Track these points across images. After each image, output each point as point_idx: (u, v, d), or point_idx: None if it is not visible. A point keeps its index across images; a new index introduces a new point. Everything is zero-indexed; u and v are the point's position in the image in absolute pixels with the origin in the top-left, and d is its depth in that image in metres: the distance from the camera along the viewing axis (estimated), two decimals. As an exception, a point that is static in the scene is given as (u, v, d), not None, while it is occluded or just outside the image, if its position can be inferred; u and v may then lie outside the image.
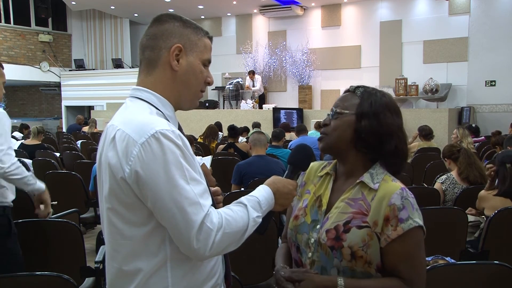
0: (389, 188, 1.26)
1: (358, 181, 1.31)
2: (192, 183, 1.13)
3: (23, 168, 2.45)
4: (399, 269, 1.23)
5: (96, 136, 9.11)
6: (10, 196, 2.51)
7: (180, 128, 1.29)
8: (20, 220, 2.70)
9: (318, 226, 1.32)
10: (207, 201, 1.16)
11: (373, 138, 1.29)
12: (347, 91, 1.40)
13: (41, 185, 2.56)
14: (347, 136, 1.31)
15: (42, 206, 2.64)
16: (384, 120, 1.30)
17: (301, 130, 6.93)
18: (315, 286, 1.24)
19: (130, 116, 1.20)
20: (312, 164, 1.50)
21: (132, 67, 14.42)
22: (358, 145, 1.31)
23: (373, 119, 1.29)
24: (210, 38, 1.34)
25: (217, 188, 1.44)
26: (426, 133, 6.69)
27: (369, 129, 1.29)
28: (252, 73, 11.94)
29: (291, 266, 1.39)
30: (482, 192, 3.24)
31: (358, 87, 1.37)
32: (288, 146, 6.39)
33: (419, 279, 1.25)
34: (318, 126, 8.32)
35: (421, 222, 1.24)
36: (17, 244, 2.46)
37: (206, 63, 1.31)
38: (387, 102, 1.34)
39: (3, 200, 2.43)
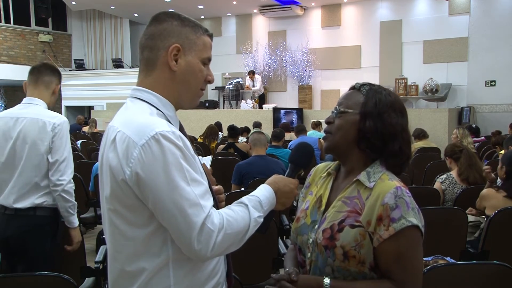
0: (383, 187, 1.24)
1: (354, 179, 1.30)
2: (193, 184, 1.13)
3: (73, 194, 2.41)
4: (391, 270, 1.21)
5: (96, 136, 9.10)
6: None
7: (181, 128, 1.29)
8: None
9: (316, 226, 1.32)
10: (208, 202, 1.15)
11: (376, 138, 1.27)
12: (352, 88, 1.37)
13: (76, 220, 2.47)
14: (350, 136, 1.29)
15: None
16: (388, 120, 1.27)
17: (300, 130, 6.94)
18: (298, 286, 1.22)
19: (130, 117, 1.19)
20: (317, 166, 1.50)
21: (132, 67, 14.41)
22: (361, 145, 1.29)
23: (377, 119, 1.27)
24: (210, 36, 1.31)
25: (219, 186, 1.43)
26: (417, 133, 6.79)
27: (373, 129, 1.26)
28: (252, 73, 11.93)
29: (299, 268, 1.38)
30: (484, 191, 3.24)
31: (363, 84, 1.34)
32: (288, 146, 6.39)
33: (412, 281, 1.21)
34: (315, 125, 8.34)
35: (416, 222, 1.20)
36: (57, 246, 2.45)
37: (206, 61, 1.29)
38: (392, 101, 1.31)
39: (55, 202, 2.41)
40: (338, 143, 1.32)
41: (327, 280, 1.22)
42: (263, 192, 1.27)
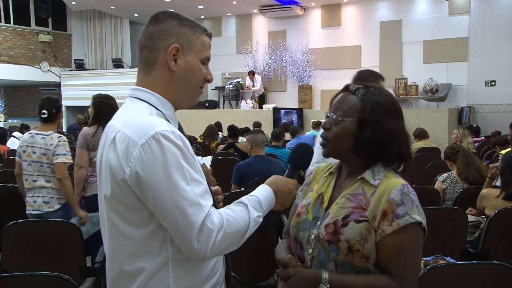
0: (390, 183, 1.26)
1: (359, 177, 1.30)
2: (192, 183, 1.13)
3: None
4: (390, 265, 1.21)
5: (96, 136, 9.10)
6: None
7: (180, 128, 1.29)
8: (20, 220, 2.71)
9: (318, 223, 1.32)
10: (208, 201, 1.15)
11: (374, 147, 1.27)
12: (346, 89, 1.36)
13: None
14: (348, 143, 1.30)
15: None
16: (386, 127, 1.27)
17: (294, 131, 7.17)
18: (297, 279, 1.23)
19: (130, 117, 1.19)
20: (319, 165, 1.51)
21: (132, 67, 14.40)
22: (358, 151, 1.30)
23: (375, 127, 1.27)
24: (209, 35, 1.31)
25: (217, 187, 1.43)
26: (417, 133, 6.82)
27: (372, 138, 1.26)
28: (252, 73, 11.93)
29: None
30: (484, 191, 3.24)
31: (358, 88, 1.33)
32: (286, 146, 6.39)
33: (409, 277, 1.22)
34: (315, 125, 8.35)
35: (419, 219, 1.22)
36: None
37: (205, 61, 1.29)
38: (388, 105, 1.30)
39: None
40: (336, 151, 1.34)
41: (325, 274, 1.22)
42: (262, 192, 1.28)
